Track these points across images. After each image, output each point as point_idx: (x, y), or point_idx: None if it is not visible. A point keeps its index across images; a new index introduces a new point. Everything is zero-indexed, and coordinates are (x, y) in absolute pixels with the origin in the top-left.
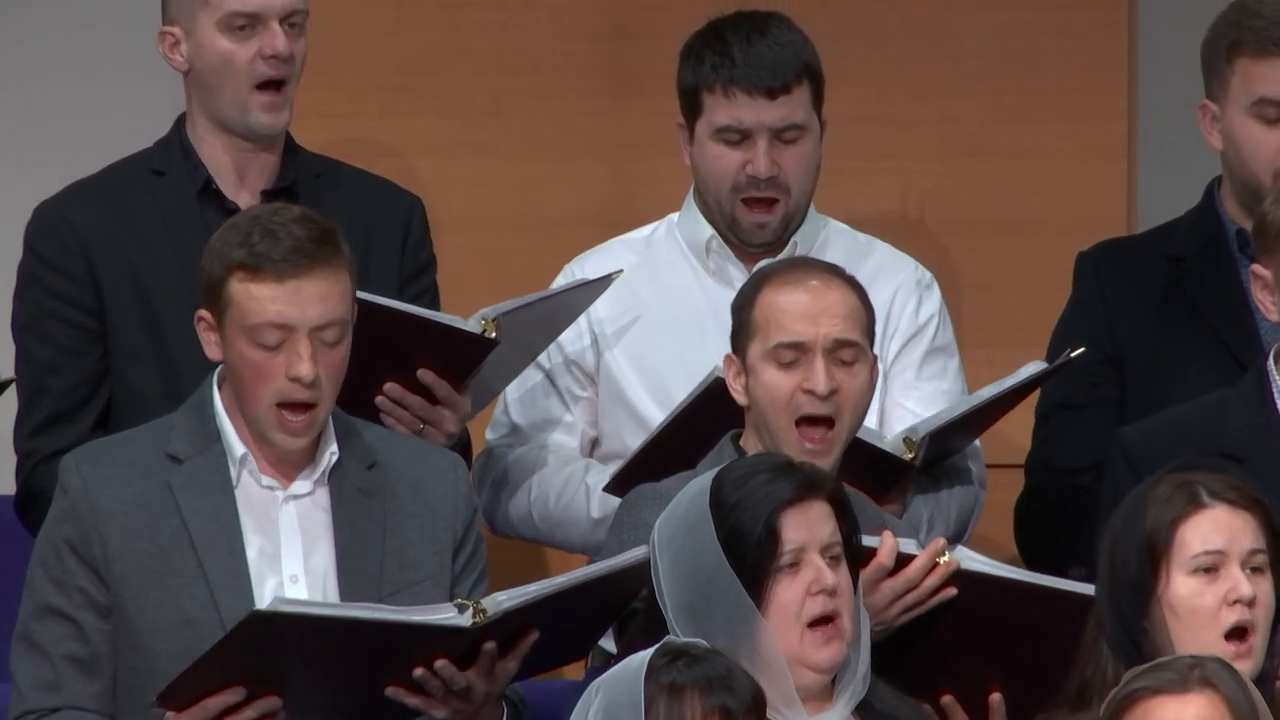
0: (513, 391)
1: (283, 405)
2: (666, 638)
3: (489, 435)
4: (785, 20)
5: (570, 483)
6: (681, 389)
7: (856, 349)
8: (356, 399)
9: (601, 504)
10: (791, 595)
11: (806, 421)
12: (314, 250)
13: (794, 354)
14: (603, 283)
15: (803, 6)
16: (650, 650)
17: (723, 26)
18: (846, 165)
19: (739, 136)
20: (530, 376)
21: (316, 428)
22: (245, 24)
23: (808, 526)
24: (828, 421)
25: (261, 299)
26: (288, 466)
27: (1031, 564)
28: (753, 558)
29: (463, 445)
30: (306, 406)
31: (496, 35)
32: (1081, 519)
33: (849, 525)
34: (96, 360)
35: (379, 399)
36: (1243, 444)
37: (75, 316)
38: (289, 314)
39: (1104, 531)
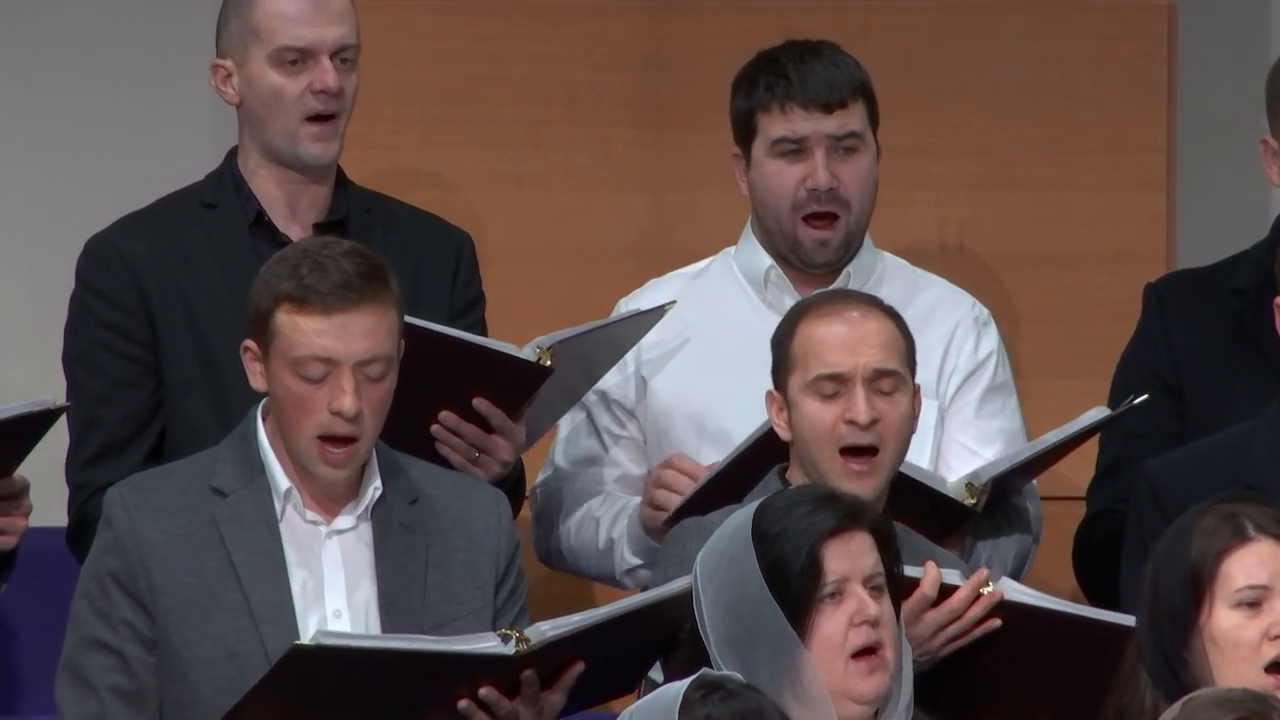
0: (561, 430)
1: (324, 438)
2: (703, 670)
3: (539, 476)
4: (836, 46)
5: (586, 517)
6: (731, 422)
7: (896, 378)
8: (411, 427)
9: (608, 534)
10: (834, 626)
11: (850, 451)
12: (361, 285)
13: (834, 385)
14: (657, 313)
15: (843, 36)
16: (685, 682)
17: (774, 53)
18: (885, 196)
19: (795, 148)
20: (575, 414)
21: (357, 461)
22: (296, 59)
23: (850, 557)
24: (871, 450)
25: (307, 331)
26: (331, 501)
27: (1089, 592)
28: (795, 589)
29: (517, 475)
30: (348, 440)
31: (536, 66)
32: None
33: (891, 556)
34: (149, 392)
35: (434, 427)
36: (1266, 476)
37: (128, 349)
38: (334, 348)
39: (1127, 562)
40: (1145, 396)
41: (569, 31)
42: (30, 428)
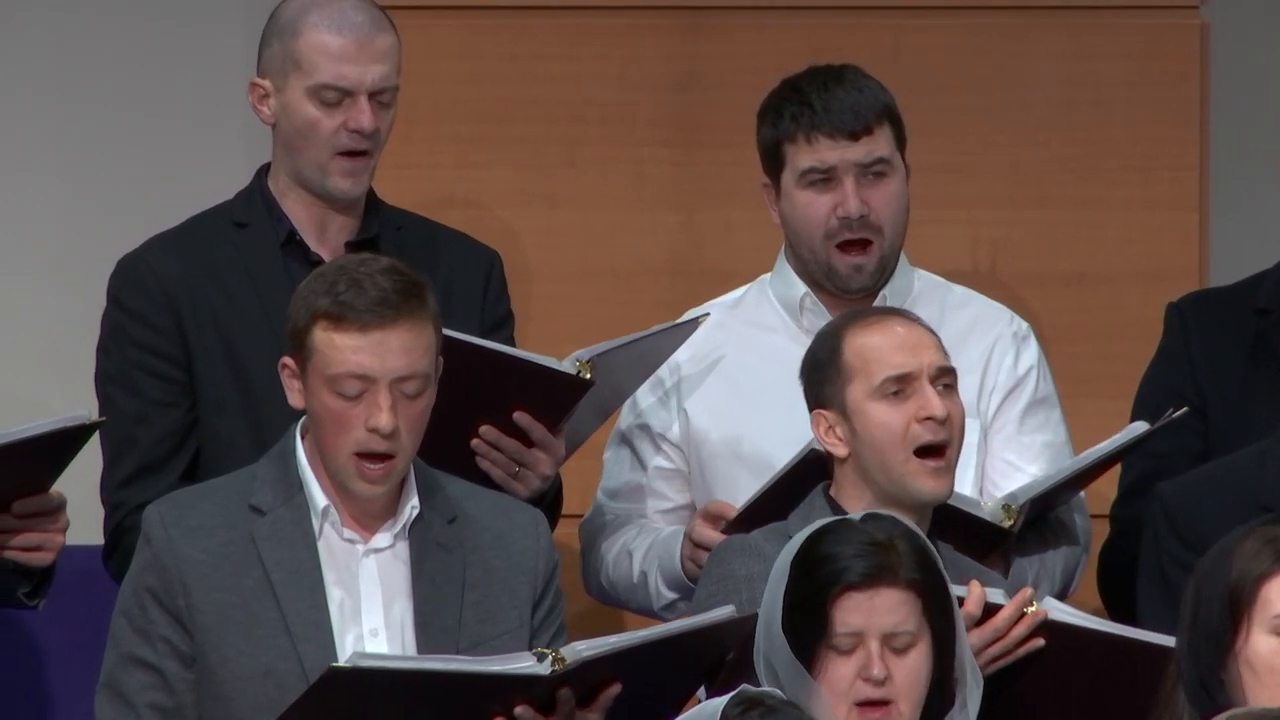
0: (604, 465)
1: (361, 455)
2: (742, 685)
3: (587, 513)
4: (860, 70)
5: (622, 550)
6: (772, 449)
7: (954, 375)
8: (450, 442)
9: (641, 567)
10: (842, 675)
11: (925, 451)
12: (398, 302)
13: (901, 385)
14: (692, 324)
15: (874, 56)
16: (724, 698)
17: (798, 81)
18: (917, 215)
19: (824, 177)
20: (615, 448)
21: (394, 478)
22: (336, 98)
23: (871, 613)
24: (945, 446)
25: (344, 349)
26: (369, 519)
27: (1113, 611)
28: (804, 632)
29: (556, 489)
30: (385, 457)
31: (569, 86)
32: None
33: (935, 609)
34: (184, 411)
35: (475, 441)
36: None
37: (162, 368)
38: (370, 365)
39: (1143, 584)
40: (1185, 409)
41: (602, 51)
42: (65, 443)
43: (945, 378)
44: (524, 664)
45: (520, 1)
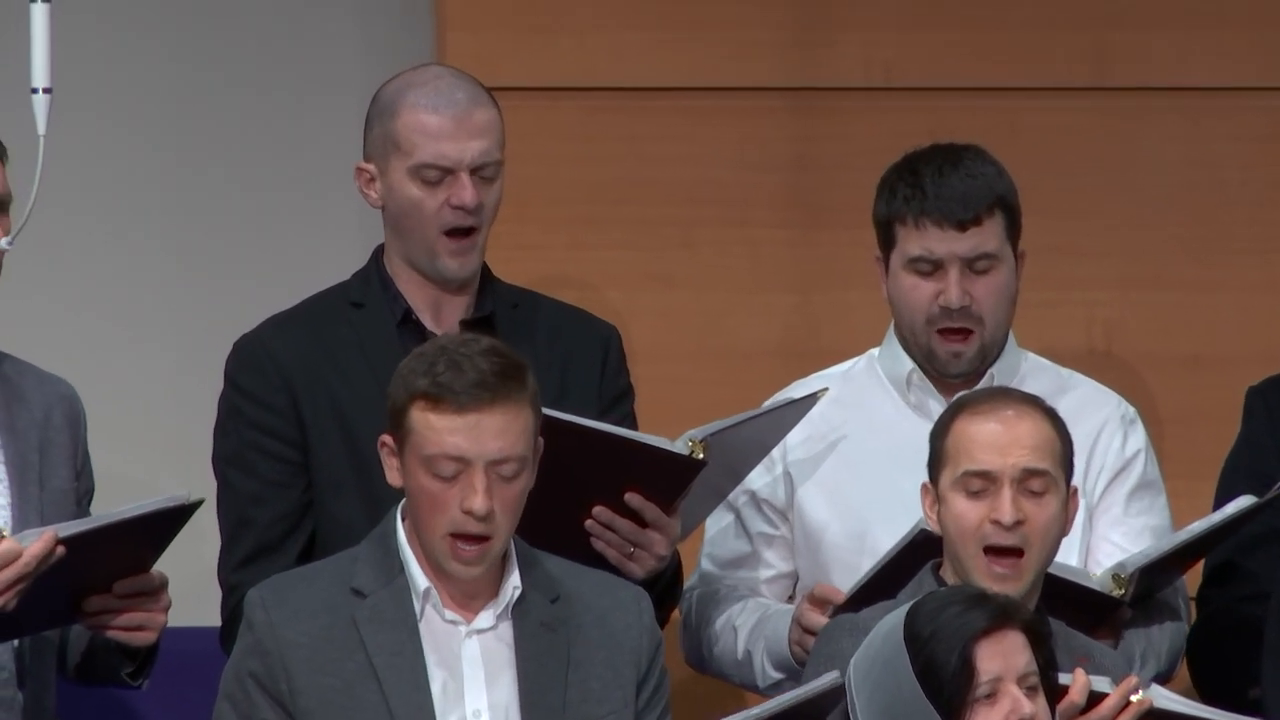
0: (708, 533)
1: (456, 536)
2: None
3: (688, 582)
4: (981, 152)
5: (727, 625)
6: (877, 522)
7: (1046, 479)
8: (564, 522)
9: (745, 646)
10: None
11: (994, 551)
12: (496, 384)
13: (982, 483)
14: (808, 401)
15: (991, 136)
16: None
17: (917, 159)
18: (1033, 296)
19: (931, 267)
20: (722, 517)
21: (489, 560)
22: (437, 176)
23: (1003, 656)
24: (1016, 551)
25: (440, 429)
26: (470, 600)
27: (1207, 693)
28: (949, 690)
29: (675, 569)
30: (480, 539)
31: (685, 167)
32: (1254, 649)
33: (1046, 656)
34: (300, 492)
35: (589, 522)
36: None
37: (279, 449)
38: (466, 447)
39: (1270, 661)
40: None
41: (717, 132)
42: (166, 524)
43: (1032, 481)
44: None
45: (637, 83)
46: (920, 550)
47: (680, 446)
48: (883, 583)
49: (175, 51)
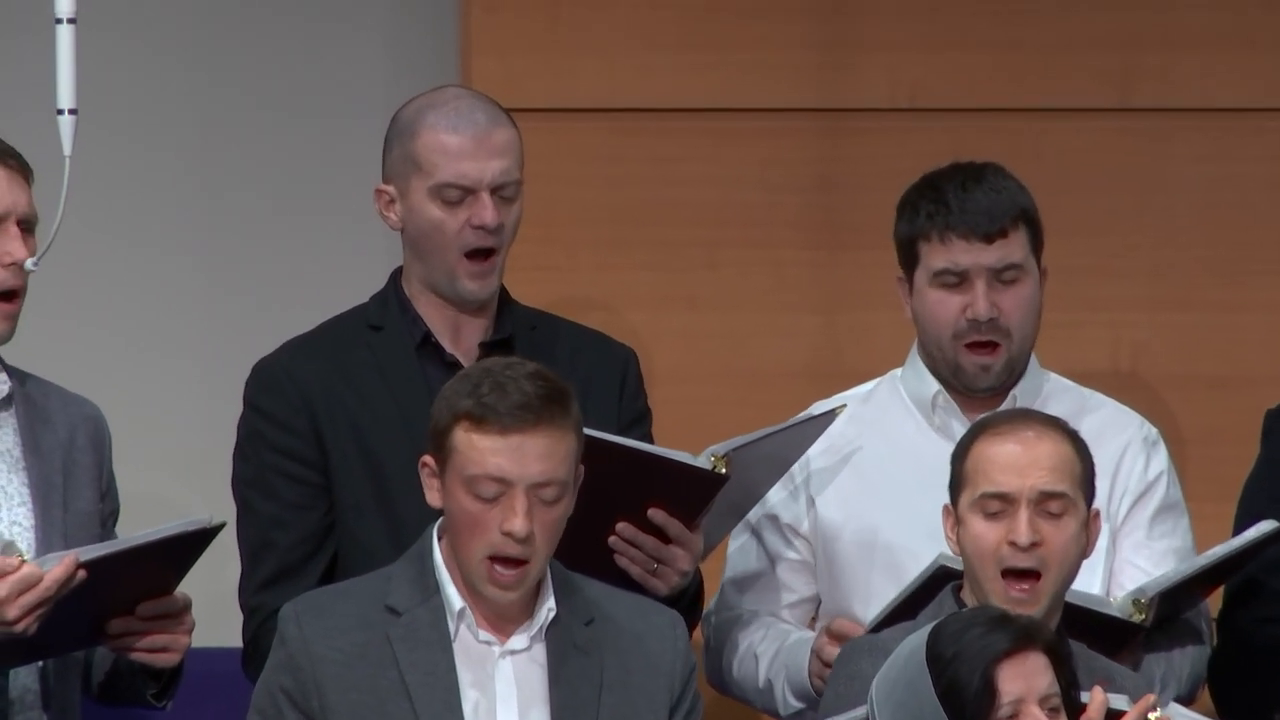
0: (729, 555)
1: (494, 559)
2: None
3: (709, 603)
4: (1000, 169)
5: (748, 652)
6: (899, 545)
7: (1065, 501)
8: (587, 538)
9: (766, 674)
10: None
11: (1012, 573)
12: (540, 407)
13: (999, 505)
14: (828, 417)
15: (1016, 157)
16: None
17: (938, 178)
18: (1057, 318)
19: (957, 279)
20: (741, 539)
21: (527, 584)
22: (458, 196)
23: (1025, 678)
24: (1033, 574)
25: (483, 450)
26: (505, 621)
27: (1227, 717)
28: (971, 711)
29: (697, 586)
30: (519, 562)
31: (709, 188)
32: (1277, 671)
33: (1068, 677)
34: (322, 515)
35: (612, 539)
36: None
37: (300, 472)
38: (508, 469)
39: None
40: None
41: (742, 153)
42: (188, 547)
43: (1049, 503)
44: None
45: (660, 104)
46: (938, 584)
47: (703, 462)
48: (900, 617)
49: (201, 73)
